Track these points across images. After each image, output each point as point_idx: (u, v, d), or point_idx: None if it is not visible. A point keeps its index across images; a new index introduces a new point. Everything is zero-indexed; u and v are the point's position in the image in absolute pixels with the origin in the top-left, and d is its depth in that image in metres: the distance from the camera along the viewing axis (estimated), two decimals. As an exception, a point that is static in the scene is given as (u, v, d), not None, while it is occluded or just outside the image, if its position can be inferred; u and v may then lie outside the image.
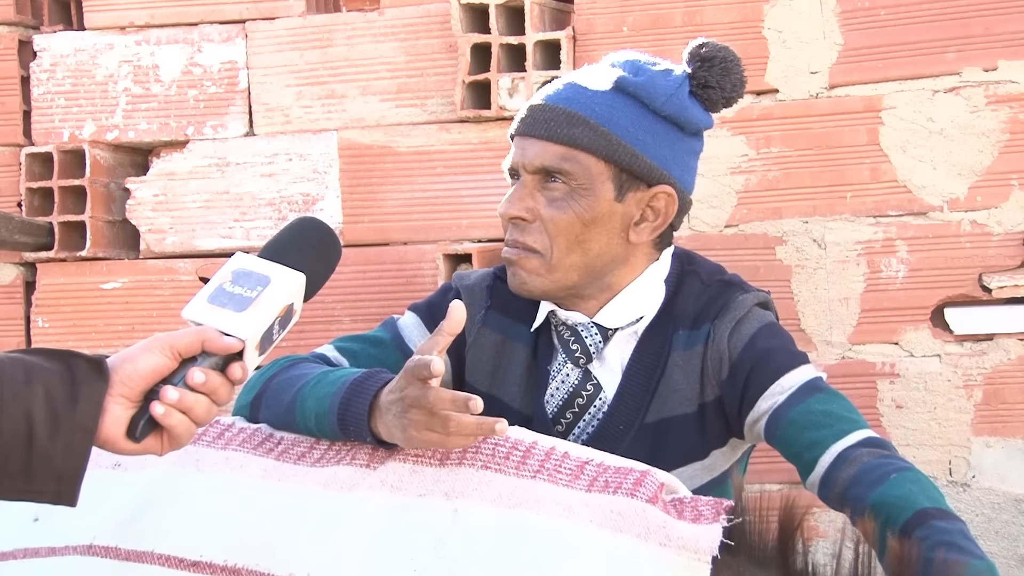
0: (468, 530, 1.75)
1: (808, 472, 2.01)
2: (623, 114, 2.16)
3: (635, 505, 1.73)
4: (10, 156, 3.37)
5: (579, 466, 1.82)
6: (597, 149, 2.15)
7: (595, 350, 2.21)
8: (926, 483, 1.90)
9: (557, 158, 2.15)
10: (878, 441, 2.00)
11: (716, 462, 2.23)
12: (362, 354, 2.25)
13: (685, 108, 2.19)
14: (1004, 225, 2.84)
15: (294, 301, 1.70)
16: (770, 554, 1.72)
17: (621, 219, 2.18)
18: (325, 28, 3.23)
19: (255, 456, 1.95)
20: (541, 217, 2.16)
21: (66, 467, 1.55)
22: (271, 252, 1.72)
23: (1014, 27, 2.84)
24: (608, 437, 2.19)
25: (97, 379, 1.56)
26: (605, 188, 2.16)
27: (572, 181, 2.15)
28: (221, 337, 1.61)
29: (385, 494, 1.82)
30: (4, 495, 1.56)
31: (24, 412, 1.52)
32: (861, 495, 1.88)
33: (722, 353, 2.17)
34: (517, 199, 2.18)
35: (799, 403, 2.07)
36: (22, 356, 1.56)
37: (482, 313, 2.31)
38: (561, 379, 2.24)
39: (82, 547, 1.87)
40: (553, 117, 2.17)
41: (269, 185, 3.25)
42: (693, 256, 2.31)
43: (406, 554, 1.74)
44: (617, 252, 2.20)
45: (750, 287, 2.25)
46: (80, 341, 3.27)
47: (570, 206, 2.15)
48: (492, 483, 1.80)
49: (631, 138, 2.16)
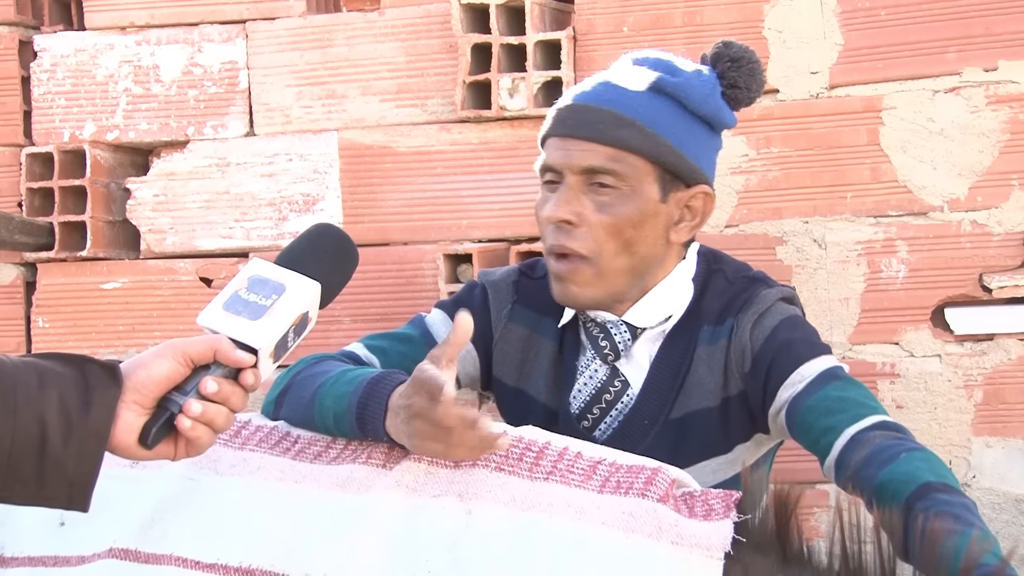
0: (482, 532, 1.75)
1: (824, 457, 2.02)
2: (664, 114, 2.17)
3: (646, 505, 1.74)
4: (10, 156, 3.37)
5: (591, 466, 1.83)
6: (645, 150, 2.15)
7: (624, 348, 2.23)
8: (935, 461, 1.89)
9: (607, 159, 2.14)
10: (892, 424, 1.99)
11: (740, 456, 2.24)
12: (392, 351, 2.25)
13: (719, 108, 2.21)
14: (1004, 225, 2.84)
15: (309, 309, 1.70)
16: (769, 539, 1.73)
17: (665, 220, 2.20)
18: (325, 28, 3.23)
19: (272, 456, 1.96)
20: (588, 221, 2.15)
21: (78, 473, 1.56)
22: (288, 259, 1.72)
23: (1014, 27, 2.84)
24: (633, 432, 2.21)
25: (111, 385, 1.56)
26: (651, 189, 2.17)
27: (621, 183, 2.15)
28: (234, 349, 1.62)
29: (400, 495, 1.82)
30: (16, 500, 1.57)
31: (37, 417, 1.52)
32: (871, 475, 1.87)
33: (744, 346, 2.19)
34: (564, 201, 2.16)
35: (817, 391, 2.07)
36: (36, 360, 1.56)
37: (509, 307, 2.33)
38: (589, 375, 2.26)
39: (104, 551, 1.87)
40: (600, 119, 2.16)
41: (269, 185, 3.24)
42: (720, 255, 2.33)
43: (420, 556, 1.74)
44: (659, 253, 2.22)
45: (774, 283, 2.28)
46: (80, 341, 3.27)
47: (619, 208, 2.15)
48: (506, 485, 1.81)
49: (674, 138, 2.17)
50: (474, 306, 2.32)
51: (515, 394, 2.34)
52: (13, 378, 1.52)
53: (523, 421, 2.27)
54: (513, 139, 3.09)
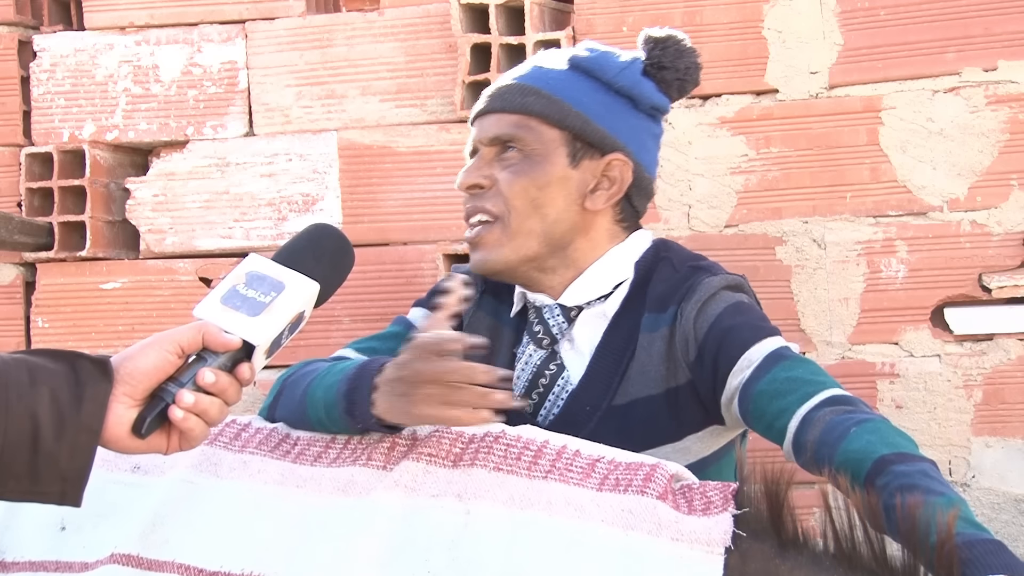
0: (481, 532, 1.75)
1: (781, 441, 2.00)
2: (576, 87, 2.26)
3: (646, 502, 1.74)
4: (10, 156, 3.37)
5: (590, 464, 1.83)
6: (549, 115, 2.23)
7: (559, 331, 2.24)
8: (886, 430, 1.87)
9: (511, 126, 2.24)
10: (842, 398, 1.97)
11: (692, 446, 2.22)
12: (381, 350, 2.27)
13: (637, 82, 2.27)
14: (1004, 225, 2.84)
15: (306, 308, 1.70)
16: (764, 525, 1.73)
17: (577, 185, 2.25)
18: (325, 28, 3.23)
19: (272, 459, 1.96)
20: (497, 182, 2.23)
21: (71, 468, 1.56)
22: (286, 257, 1.72)
23: (1014, 27, 2.84)
24: (575, 418, 2.21)
25: (101, 379, 1.56)
26: (559, 154, 2.24)
27: (526, 147, 2.23)
28: (220, 333, 1.62)
29: (399, 495, 1.82)
30: (9, 496, 1.57)
31: (29, 414, 1.52)
32: (828, 456, 1.86)
33: (688, 335, 2.18)
34: (474, 168, 2.27)
35: (765, 374, 2.06)
36: (26, 357, 1.56)
37: (477, 296, 2.36)
38: (525, 360, 2.27)
39: (105, 557, 1.88)
40: (507, 91, 2.27)
41: (269, 185, 3.25)
42: (670, 244, 2.34)
43: (419, 556, 1.75)
44: (575, 220, 2.25)
45: (722, 270, 2.27)
46: (80, 341, 3.27)
47: (525, 171, 2.22)
48: (504, 484, 1.81)
49: (583, 107, 2.24)
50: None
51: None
52: (4, 375, 1.52)
53: None
54: (513, 139, 3.09)
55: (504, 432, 1.88)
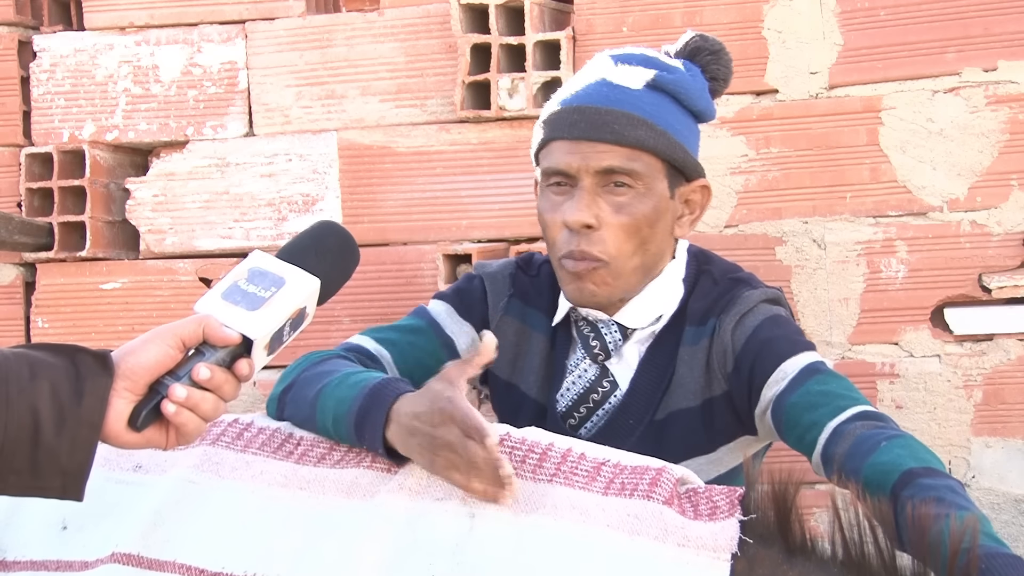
0: (485, 536, 1.75)
1: (811, 453, 2.01)
2: (669, 113, 2.19)
3: (652, 507, 1.73)
4: (10, 156, 3.37)
5: (595, 467, 1.82)
6: (659, 148, 2.16)
7: (614, 347, 2.23)
8: (916, 447, 1.88)
9: (625, 159, 2.15)
10: (873, 414, 1.99)
11: (723, 457, 2.24)
12: (402, 342, 2.25)
13: (710, 103, 2.25)
14: (1004, 225, 2.84)
15: (307, 305, 1.70)
16: (771, 531, 1.72)
17: (672, 215, 2.22)
18: (325, 28, 3.23)
19: (275, 460, 1.95)
20: (607, 224, 2.15)
21: (72, 463, 1.56)
22: (289, 253, 1.72)
23: (1014, 27, 2.84)
24: (618, 432, 2.21)
25: (102, 373, 1.56)
26: (662, 186, 2.19)
27: (638, 182, 2.16)
28: (221, 327, 1.62)
29: (403, 498, 1.82)
30: (10, 491, 1.57)
31: (30, 408, 1.52)
32: (856, 468, 1.87)
33: (726, 347, 2.19)
34: (584, 206, 2.15)
35: (799, 387, 2.07)
36: (26, 351, 1.56)
37: (505, 300, 2.33)
38: (578, 374, 2.26)
39: (106, 556, 1.87)
40: (614, 120, 2.15)
41: (269, 185, 3.24)
42: (709, 255, 2.34)
43: (424, 560, 1.74)
44: (665, 248, 2.24)
45: (760, 284, 2.28)
46: (80, 341, 3.21)
47: (638, 208, 2.16)
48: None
49: (680, 136, 2.19)
50: (475, 297, 2.34)
51: (507, 388, 2.34)
52: (5, 369, 1.52)
53: (515, 415, 2.27)
54: (512, 139, 3.09)
55: (509, 434, 1.87)
